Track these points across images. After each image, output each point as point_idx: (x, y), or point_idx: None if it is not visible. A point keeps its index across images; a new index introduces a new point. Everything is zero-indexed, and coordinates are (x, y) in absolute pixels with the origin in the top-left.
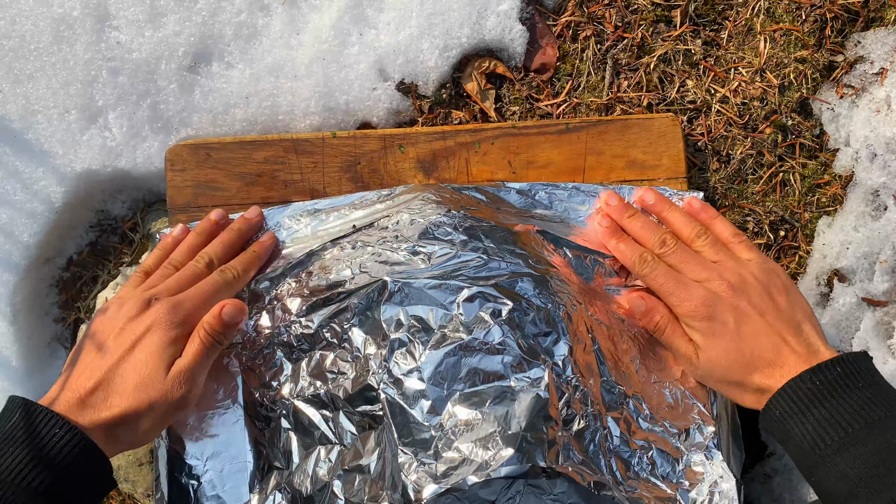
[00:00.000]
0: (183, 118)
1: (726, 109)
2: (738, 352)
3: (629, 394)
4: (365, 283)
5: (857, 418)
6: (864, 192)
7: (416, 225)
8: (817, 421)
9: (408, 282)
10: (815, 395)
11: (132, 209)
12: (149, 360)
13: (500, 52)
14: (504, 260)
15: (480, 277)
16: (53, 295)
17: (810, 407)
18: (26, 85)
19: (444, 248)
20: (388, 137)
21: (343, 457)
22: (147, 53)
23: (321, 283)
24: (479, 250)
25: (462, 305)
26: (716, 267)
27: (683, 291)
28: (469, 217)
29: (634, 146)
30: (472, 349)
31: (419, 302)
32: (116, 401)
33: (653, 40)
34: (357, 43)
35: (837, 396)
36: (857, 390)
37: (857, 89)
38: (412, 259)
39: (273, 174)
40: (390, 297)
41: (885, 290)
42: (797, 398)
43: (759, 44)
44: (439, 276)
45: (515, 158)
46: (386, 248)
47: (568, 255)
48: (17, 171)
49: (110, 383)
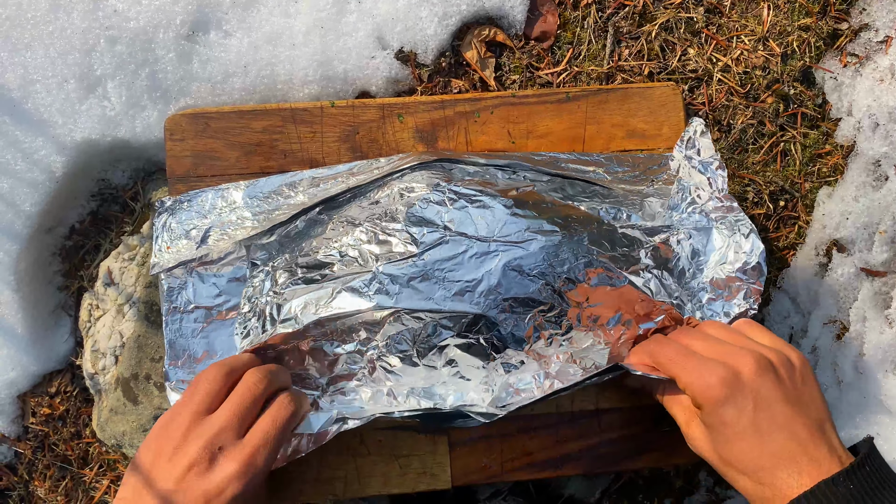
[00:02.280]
0: (182, 87)
1: (728, 78)
2: (757, 447)
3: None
4: (353, 270)
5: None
6: (866, 162)
7: (404, 199)
8: None
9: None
10: (852, 499)
11: (132, 178)
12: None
13: (500, 20)
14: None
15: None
16: (56, 263)
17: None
18: (24, 54)
19: (432, 232)
20: (387, 107)
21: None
22: (145, 22)
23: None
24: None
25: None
26: (735, 341)
27: (697, 365)
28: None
29: (635, 115)
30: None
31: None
32: None
33: (654, 8)
34: (355, 11)
35: (873, 500)
36: (888, 490)
37: (861, 58)
38: (397, 244)
39: (272, 144)
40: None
41: (884, 260)
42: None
43: (762, 11)
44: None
45: (515, 128)
46: (375, 228)
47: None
48: (17, 141)
49: None
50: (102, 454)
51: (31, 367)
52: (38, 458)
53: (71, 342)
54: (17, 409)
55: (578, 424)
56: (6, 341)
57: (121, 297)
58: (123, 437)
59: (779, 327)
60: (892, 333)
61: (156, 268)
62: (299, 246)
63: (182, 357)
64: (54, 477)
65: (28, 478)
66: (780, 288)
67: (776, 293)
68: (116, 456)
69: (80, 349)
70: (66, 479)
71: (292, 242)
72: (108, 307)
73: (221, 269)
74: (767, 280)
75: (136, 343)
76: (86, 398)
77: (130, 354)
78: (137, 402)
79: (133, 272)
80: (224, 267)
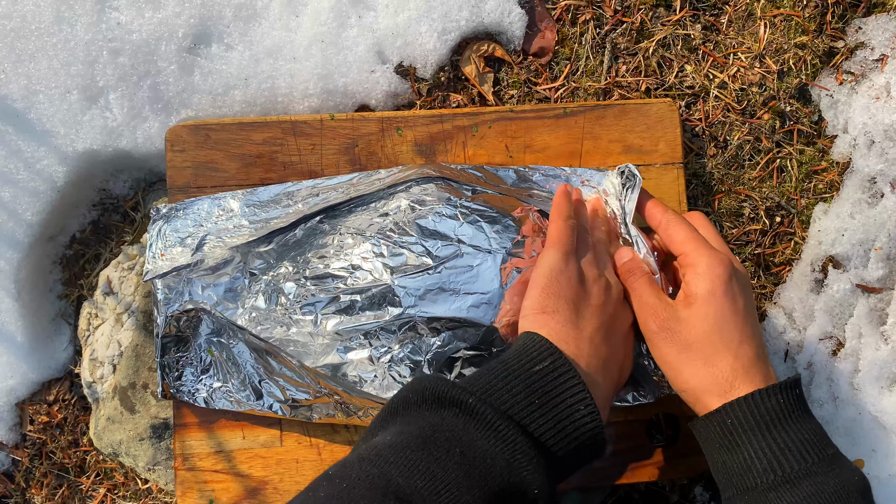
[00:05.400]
0: (183, 99)
1: (724, 95)
2: (729, 328)
3: None
4: (367, 283)
5: (815, 450)
6: (861, 178)
7: (416, 213)
8: (777, 444)
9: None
10: (779, 415)
11: (133, 188)
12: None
13: (498, 36)
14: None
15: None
16: (57, 272)
17: (772, 426)
18: (28, 65)
19: (447, 245)
20: (386, 120)
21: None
22: (147, 34)
23: (317, 272)
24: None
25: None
26: (717, 243)
27: (707, 247)
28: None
29: (631, 131)
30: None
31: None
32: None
33: (652, 25)
34: (356, 25)
35: (798, 420)
36: (810, 418)
37: (857, 76)
38: (412, 256)
39: (272, 156)
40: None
41: (880, 276)
42: (760, 413)
43: (759, 29)
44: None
45: (512, 142)
46: (388, 241)
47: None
48: (20, 151)
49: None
50: (99, 462)
51: (30, 375)
52: (36, 465)
53: (70, 350)
54: (16, 416)
55: None
56: (6, 349)
57: (120, 307)
58: (120, 446)
59: (774, 343)
60: (887, 350)
61: (149, 274)
62: (303, 256)
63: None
64: (51, 485)
65: (25, 485)
66: (776, 303)
67: (772, 309)
68: (113, 464)
69: (78, 357)
70: (62, 487)
71: (291, 251)
72: (107, 316)
73: (219, 279)
74: (763, 295)
75: (135, 352)
76: (84, 406)
77: (128, 364)
78: (135, 412)
79: (132, 282)
80: (221, 276)
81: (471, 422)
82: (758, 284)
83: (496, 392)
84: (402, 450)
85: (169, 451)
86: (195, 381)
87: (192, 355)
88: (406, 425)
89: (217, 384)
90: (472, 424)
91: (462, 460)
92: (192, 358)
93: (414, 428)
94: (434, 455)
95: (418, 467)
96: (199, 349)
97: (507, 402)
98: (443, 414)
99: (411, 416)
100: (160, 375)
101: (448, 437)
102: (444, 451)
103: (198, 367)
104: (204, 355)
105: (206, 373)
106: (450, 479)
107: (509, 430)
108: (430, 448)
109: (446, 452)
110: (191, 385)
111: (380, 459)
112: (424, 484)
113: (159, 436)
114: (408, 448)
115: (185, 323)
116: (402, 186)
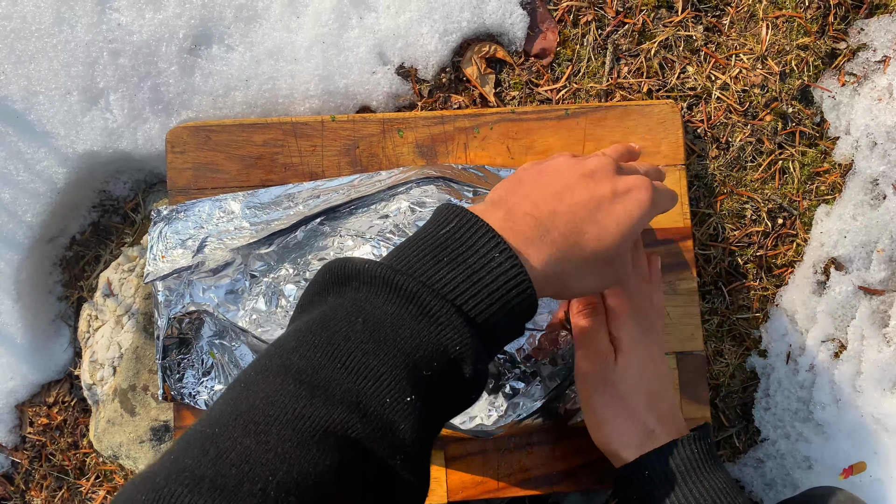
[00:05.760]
0: (183, 100)
1: (726, 96)
2: (649, 380)
3: None
4: None
5: (728, 499)
6: (864, 180)
7: (416, 214)
8: (692, 495)
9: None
10: (694, 465)
11: (133, 190)
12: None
13: (500, 37)
14: None
15: None
16: (57, 273)
17: (687, 477)
18: (28, 66)
19: None
20: (388, 121)
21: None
22: (148, 35)
23: None
24: None
25: None
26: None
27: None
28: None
29: (633, 133)
30: None
31: None
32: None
33: (654, 26)
34: (357, 26)
35: (710, 470)
36: (721, 467)
37: (859, 77)
38: None
39: (272, 157)
40: None
41: (882, 278)
42: (676, 464)
43: (761, 30)
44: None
45: (514, 144)
46: (388, 243)
47: None
48: (20, 152)
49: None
50: (99, 465)
51: (30, 377)
52: (35, 467)
53: (70, 352)
54: (15, 418)
55: (576, 440)
56: (6, 350)
57: (120, 309)
58: (120, 448)
59: (776, 345)
60: (889, 352)
61: (150, 276)
62: (304, 258)
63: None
64: (51, 487)
65: (25, 487)
66: (778, 306)
67: (774, 311)
68: (113, 467)
69: (78, 359)
70: (62, 489)
71: (292, 253)
72: (108, 318)
73: (219, 281)
74: (765, 297)
75: (135, 354)
76: (84, 408)
77: (128, 366)
78: (135, 414)
79: (133, 283)
80: (222, 278)
81: (372, 290)
82: (760, 286)
83: (401, 259)
84: (303, 334)
85: None
86: (196, 384)
87: (193, 357)
88: (308, 314)
89: (219, 386)
90: (374, 291)
91: (364, 328)
92: (193, 360)
93: (316, 313)
94: (334, 329)
95: (317, 345)
96: (200, 351)
97: (412, 265)
98: (342, 292)
99: (314, 305)
100: (161, 377)
101: (349, 310)
102: (346, 324)
103: (199, 370)
104: (206, 357)
105: (208, 375)
106: (352, 348)
107: (414, 287)
108: (329, 326)
109: (347, 325)
110: (192, 387)
111: (279, 350)
112: (326, 359)
113: (159, 438)
114: (308, 332)
115: (188, 325)
116: (403, 188)
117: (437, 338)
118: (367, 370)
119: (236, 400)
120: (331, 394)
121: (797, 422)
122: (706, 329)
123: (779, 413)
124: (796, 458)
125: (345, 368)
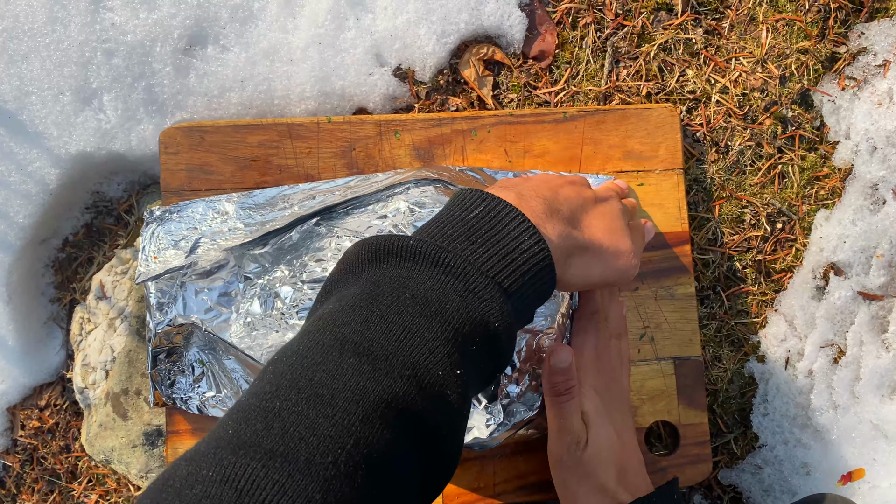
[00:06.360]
0: (178, 101)
1: (726, 100)
2: (616, 450)
3: None
4: None
5: None
6: (863, 185)
7: (415, 215)
8: None
9: None
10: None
11: (127, 191)
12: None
13: (498, 39)
14: None
15: None
16: (49, 275)
17: None
18: (20, 66)
19: None
20: (384, 123)
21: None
22: (142, 35)
23: (314, 276)
24: None
25: None
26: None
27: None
28: None
29: (632, 136)
30: None
31: None
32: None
33: (653, 28)
34: (353, 27)
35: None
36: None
37: (859, 81)
38: None
39: (267, 159)
40: None
41: (881, 284)
42: None
43: (761, 34)
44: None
45: (512, 147)
46: None
47: None
48: (12, 153)
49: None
50: (91, 469)
51: (21, 380)
52: (27, 471)
53: (62, 355)
54: (7, 421)
55: None
56: None
57: (113, 311)
58: (112, 453)
59: (775, 350)
60: (889, 357)
61: (141, 277)
62: (299, 260)
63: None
64: (42, 491)
65: (16, 491)
66: (777, 311)
67: (772, 316)
68: (105, 471)
69: (71, 362)
70: (54, 493)
71: (287, 254)
72: (100, 321)
73: (213, 283)
74: (764, 303)
75: (127, 358)
76: (76, 411)
77: (121, 369)
78: (127, 418)
79: (126, 286)
80: (215, 281)
81: (414, 266)
82: (759, 291)
83: (436, 236)
84: (350, 310)
85: (162, 458)
86: (188, 390)
87: (184, 365)
88: (346, 290)
89: (210, 393)
90: (417, 267)
91: (414, 302)
92: (184, 367)
93: (355, 289)
94: (384, 303)
95: (370, 319)
96: (190, 360)
97: (451, 243)
98: (382, 268)
99: (349, 281)
100: (152, 386)
101: (395, 285)
102: (395, 299)
103: (190, 377)
104: (196, 366)
105: (199, 382)
106: (405, 322)
107: (458, 264)
108: (377, 300)
109: (396, 299)
110: (184, 393)
111: (328, 325)
112: (381, 333)
113: (152, 443)
114: (355, 307)
115: (176, 336)
116: (401, 188)
117: (481, 313)
118: (422, 343)
119: (293, 374)
120: (391, 367)
121: (796, 427)
122: (704, 334)
123: (777, 419)
124: (794, 464)
125: (400, 342)
